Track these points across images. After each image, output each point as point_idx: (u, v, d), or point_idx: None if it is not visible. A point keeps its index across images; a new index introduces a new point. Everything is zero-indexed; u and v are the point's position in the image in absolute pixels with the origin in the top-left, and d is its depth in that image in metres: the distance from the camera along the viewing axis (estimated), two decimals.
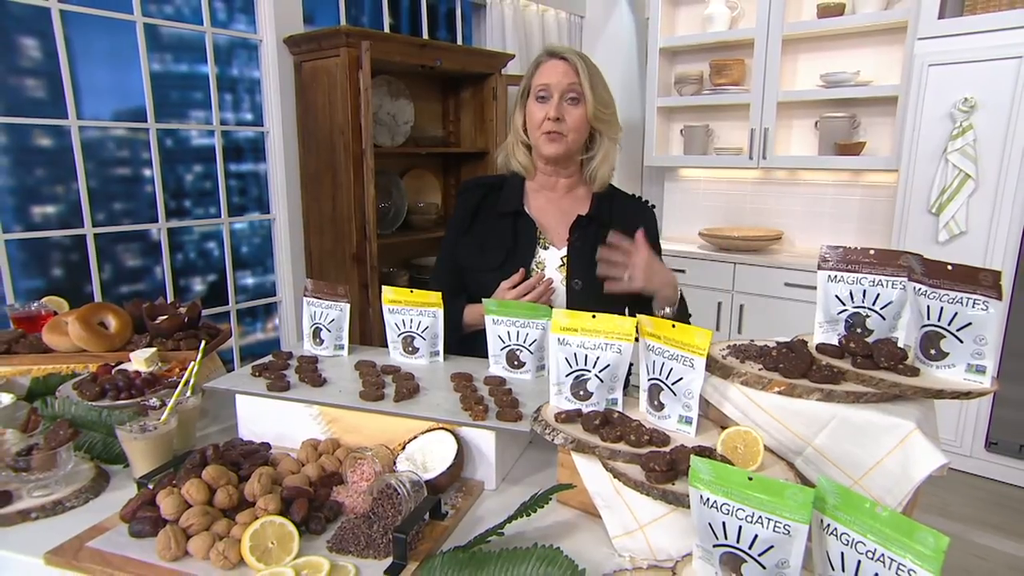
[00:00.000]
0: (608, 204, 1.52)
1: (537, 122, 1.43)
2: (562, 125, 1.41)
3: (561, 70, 1.41)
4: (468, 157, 3.53)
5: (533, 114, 1.44)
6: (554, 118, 1.40)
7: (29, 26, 2.30)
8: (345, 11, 3.22)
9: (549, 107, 1.41)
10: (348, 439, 1.11)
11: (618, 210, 1.53)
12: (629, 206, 1.55)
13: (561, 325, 1.01)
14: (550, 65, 1.43)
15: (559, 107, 1.40)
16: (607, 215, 1.50)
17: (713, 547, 0.72)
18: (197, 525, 0.85)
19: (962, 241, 2.74)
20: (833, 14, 3.23)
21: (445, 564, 0.80)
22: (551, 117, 1.40)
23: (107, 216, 2.58)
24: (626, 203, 1.56)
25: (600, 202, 1.52)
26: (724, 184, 3.98)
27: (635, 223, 1.52)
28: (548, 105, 1.41)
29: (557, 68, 1.42)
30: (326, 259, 3.01)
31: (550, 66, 1.43)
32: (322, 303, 1.37)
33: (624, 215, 1.52)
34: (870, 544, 0.62)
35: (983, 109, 2.62)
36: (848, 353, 0.95)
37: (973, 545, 2.42)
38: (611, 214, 1.51)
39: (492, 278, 1.45)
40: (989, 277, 0.83)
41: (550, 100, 1.41)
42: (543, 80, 1.42)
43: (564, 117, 1.41)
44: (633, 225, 1.51)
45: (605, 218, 1.50)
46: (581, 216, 1.48)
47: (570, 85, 1.41)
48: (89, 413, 1.18)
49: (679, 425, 0.95)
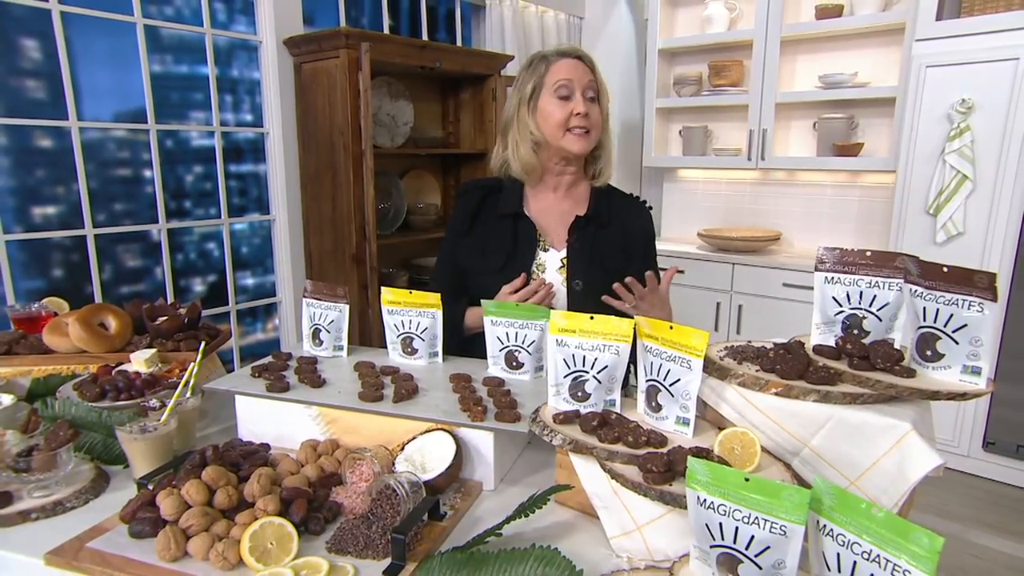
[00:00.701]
0: (606, 203, 1.53)
1: (560, 120, 1.42)
2: (588, 120, 1.43)
3: (580, 68, 1.44)
4: (468, 158, 3.54)
5: (552, 112, 1.43)
6: (584, 114, 1.42)
7: (30, 27, 2.31)
8: (345, 12, 3.22)
9: (574, 104, 1.42)
10: (347, 440, 1.11)
11: (616, 209, 1.53)
12: (626, 206, 1.56)
13: (559, 326, 1.02)
14: (567, 63, 1.44)
15: (585, 103, 1.42)
16: (605, 215, 1.51)
17: (710, 548, 0.72)
18: (197, 526, 0.85)
19: (960, 242, 2.74)
20: (831, 15, 3.24)
21: (443, 565, 0.80)
22: (580, 113, 1.41)
23: (107, 217, 2.59)
24: (623, 203, 1.57)
25: (598, 202, 1.52)
26: (723, 185, 3.98)
27: (632, 223, 1.53)
28: (572, 102, 1.42)
29: (576, 66, 1.44)
30: (326, 260, 3.01)
31: (567, 64, 1.44)
32: (321, 304, 1.37)
33: (621, 215, 1.53)
34: (866, 545, 0.62)
35: (980, 110, 2.63)
36: (845, 354, 0.95)
37: (970, 545, 2.43)
38: (609, 214, 1.52)
39: (493, 281, 1.45)
40: (984, 279, 0.83)
41: (573, 97, 1.42)
42: (562, 76, 1.42)
43: (589, 112, 1.43)
44: (630, 225, 1.52)
45: (603, 218, 1.50)
46: (579, 217, 1.48)
47: (590, 83, 1.44)
48: (89, 414, 1.18)
49: (676, 426, 0.95)
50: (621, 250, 1.50)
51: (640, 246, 1.54)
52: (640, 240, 1.54)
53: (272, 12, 2.81)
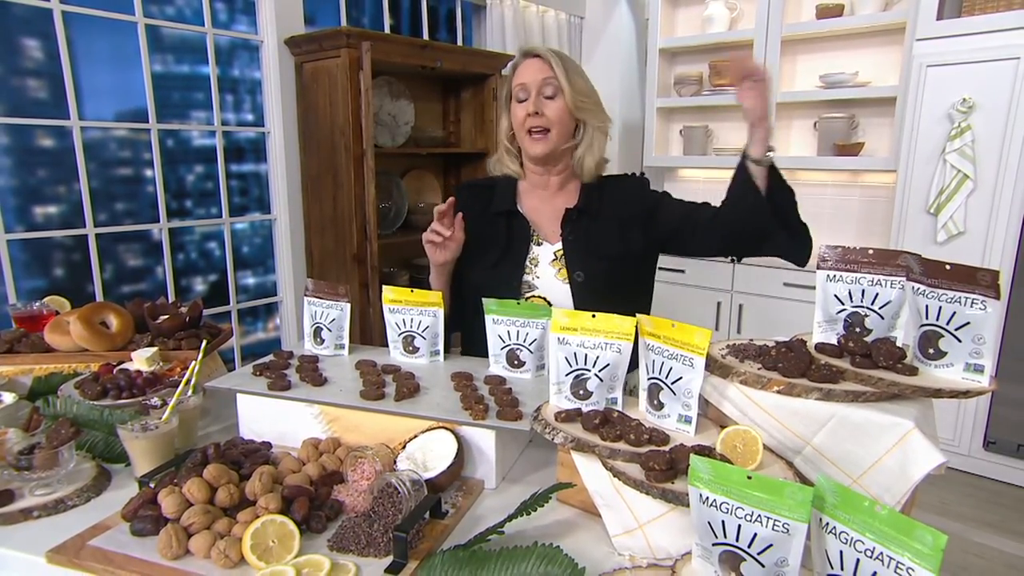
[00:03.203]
0: (598, 193, 1.50)
1: (520, 122, 1.44)
2: (542, 119, 1.41)
3: (536, 67, 1.43)
4: (468, 157, 3.54)
5: (516, 115, 1.45)
6: (532, 113, 1.40)
7: (31, 27, 2.31)
8: (346, 12, 3.22)
9: (527, 104, 1.42)
10: (349, 438, 1.11)
11: (608, 196, 1.50)
12: (619, 188, 1.53)
13: (561, 324, 1.02)
14: (525, 64, 1.44)
15: (536, 102, 1.41)
16: (596, 205, 1.48)
17: (712, 546, 0.72)
18: (198, 524, 0.85)
19: (960, 241, 2.74)
20: (832, 15, 3.24)
21: (445, 563, 0.80)
22: (529, 113, 1.41)
23: (109, 216, 2.59)
24: (615, 187, 1.53)
25: (589, 193, 1.50)
26: (724, 185, 3.93)
27: (628, 203, 1.50)
28: (527, 103, 1.42)
29: (532, 66, 1.43)
30: (327, 259, 3.01)
31: (525, 65, 1.44)
32: (323, 303, 1.37)
33: (615, 199, 1.50)
34: (869, 543, 0.62)
35: (981, 110, 2.63)
36: (847, 352, 0.95)
37: (971, 544, 2.43)
38: (600, 202, 1.49)
39: (487, 276, 1.46)
40: (987, 277, 0.83)
41: (528, 98, 1.42)
42: (520, 80, 1.44)
43: (543, 111, 1.41)
44: (626, 207, 1.50)
45: (595, 208, 1.48)
46: (569, 209, 1.47)
47: (545, 80, 1.41)
48: (91, 412, 1.18)
49: (678, 424, 0.95)
50: (618, 236, 1.46)
51: (641, 219, 1.47)
52: (640, 213, 1.48)
53: (273, 12, 2.82)
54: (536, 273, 1.47)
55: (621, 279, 1.46)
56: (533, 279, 1.47)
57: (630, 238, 1.47)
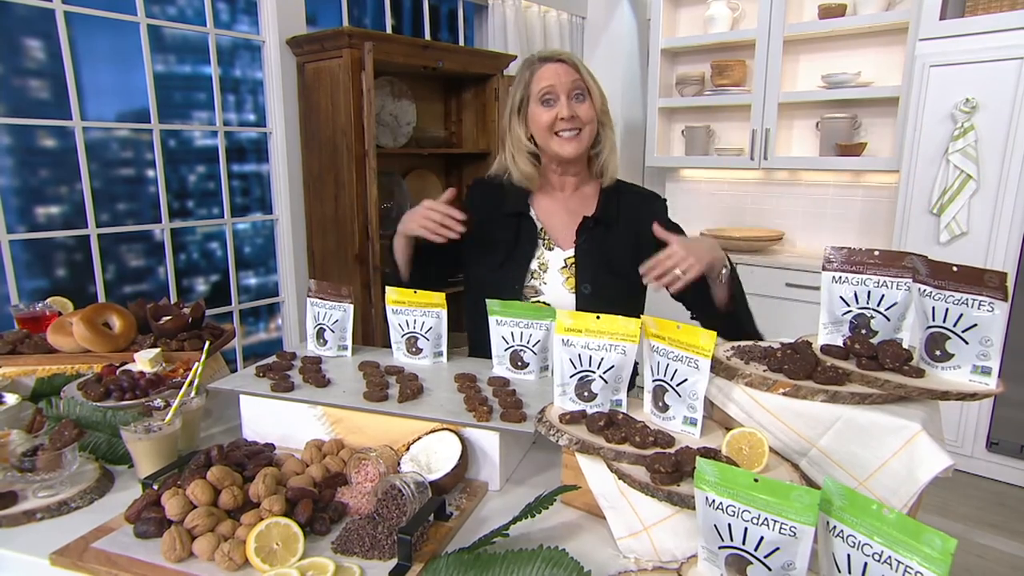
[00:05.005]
0: (615, 202, 1.51)
1: (546, 125, 1.43)
2: (577, 122, 1.42)
3: (562, 70, 1.43)
4: (470, 158, 3.54)
5: (539, 119, 1.44)
6: (569, 116, 1.41)
7: (33, 27, 2.31)
8: (347, 12, 3.22)
9: (559, 108, 1.41)
10: (352, 440, 1.11)
11: (625, 207, 1.51)
12: (637, 202, 1.54)
13: (565, 326, 1.01)
14: (548, 68, 1.43)
15: (570, 106, 1.42)
16: (614, 214, 1.50)
17: (718, 549, 0.72)
18: (202, 526, 0.85)
19: (963, 242, 2.74)
20: (834, 15, 3.23)
21: (450, 565, 0.80)
22: (564, 116, 1.41)
23: (111, 217, 2.58)
24: (634, 199, 1.54)
25: (607, 201, 1.51)
26: (725, 185, 3.98)
27: (644, 220, 1.48)
28: (557, 106, 1.42)
29: (557, 70, 1.43)
30: (329, 259, 3.01)
31: (548, 69, 1.43)
32: (326, 304, 1.37)
33: (633, 213, 1.51)
34: (877, 546, 0.62)
35: (984, 110, 2.62)
36: (853, 354, 0.95)
37: (974, 544, 2.42)
38: (618, 212, 1.50)
39: (492, 276, 1.46)
40: (995, 278, 0.83)
41: (558, 101, 1.42)
42: (545, 83, 1.43)
43: (577, 114, 1.42)
44: (640, 222, 1.49)
45: (612, 218, 1.49)
46: (587, 217, 1.47)
47: (574, 83, 1.43)
48: (94, 413, 1.18)
49: (684, 426, 0.95)
50: (631, 250, 1.45)
51: (653, 247, 1.44)
52: (654, 241, 1.45)
53: (275, 12, 2.81)
54: (544, 279, 1.47)
55: (626, 297, 1.47)
56: (540, 284, 1.47)
57: (641, 258, 1.46)
